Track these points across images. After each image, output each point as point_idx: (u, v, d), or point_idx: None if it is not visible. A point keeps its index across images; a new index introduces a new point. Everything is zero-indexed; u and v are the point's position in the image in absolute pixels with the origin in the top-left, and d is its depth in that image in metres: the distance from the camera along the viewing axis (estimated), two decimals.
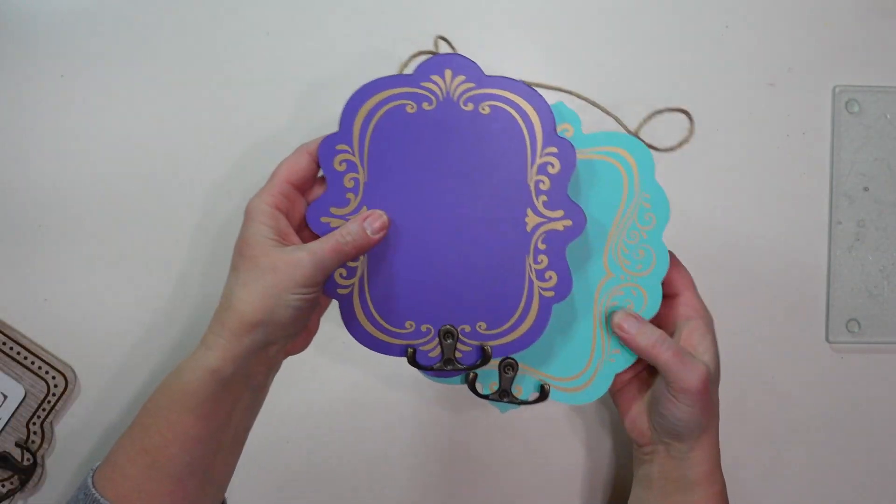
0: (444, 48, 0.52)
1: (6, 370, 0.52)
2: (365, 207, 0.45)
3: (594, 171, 0.49)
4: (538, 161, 0.46)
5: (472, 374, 0.49)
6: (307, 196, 0.46)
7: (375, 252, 0.45)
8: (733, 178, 0.56)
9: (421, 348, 0.48)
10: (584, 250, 0.49)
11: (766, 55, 0.56)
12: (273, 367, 0.46)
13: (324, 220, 0.45)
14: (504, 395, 0.49)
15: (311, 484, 0.56)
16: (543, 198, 0.46)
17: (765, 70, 0.56)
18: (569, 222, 0.46)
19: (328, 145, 0.45)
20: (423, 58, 0.46)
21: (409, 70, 0.47)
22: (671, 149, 0.51)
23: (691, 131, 0.52)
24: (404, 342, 0.47)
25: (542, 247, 0.46)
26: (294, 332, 0.44)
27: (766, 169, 0.56)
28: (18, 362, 0.52)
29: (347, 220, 0.45)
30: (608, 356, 0.49)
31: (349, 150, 0.45)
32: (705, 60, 0.55)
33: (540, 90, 0.47)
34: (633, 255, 0.49)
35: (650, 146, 0.51)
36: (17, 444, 0.52)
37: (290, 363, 0.55)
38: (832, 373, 0.57)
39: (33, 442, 0.52)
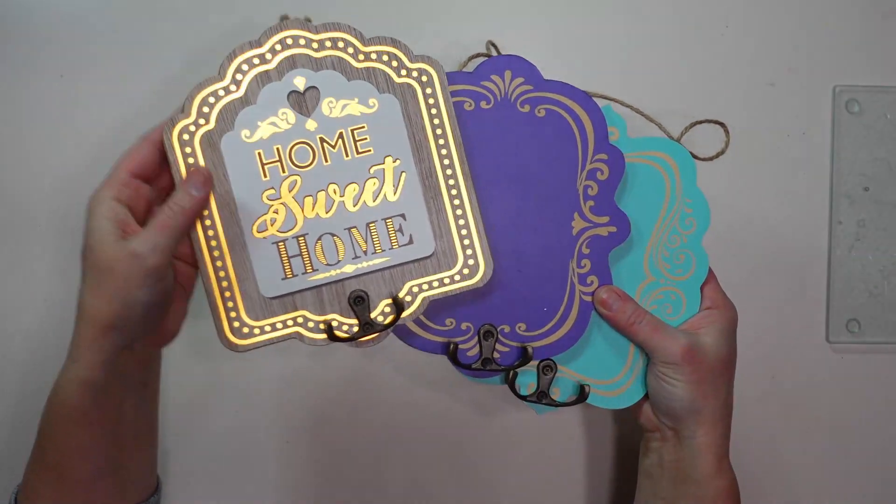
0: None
1: None
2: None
3: (638, 174, 0.49)
4: (588, 166, 0.47)
5: (511, 374, 0.49)
6: (155, 185, 0.43)
7: None
8: (733, 178, 0.56)
9: (460, 346, 0.48)
10: (626, 253, 0.49)
11: (766, 55, 0.56)
12: (148, 362, 0.44)
13: None
14: (542, 396, 0.49)
15: (311, 484, 0.56)
16: (591, 203, 0.47)
17: (765, 70, 0.56)
18: (613, 229, 0.47)
19: None
20: (479, 60, 0.46)
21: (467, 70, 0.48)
22: (710, 158, 0.52)
23: (727, 143, 0.53)
24: (444, 339, 0.47)
25: (585, 251, 0.47)
26: (153, 325, 0.42)
27: (767, 169, 0.56)
28: None
29: None
30: (646, 360, 0.49)
31: None
32: (705, 60, 0.55)
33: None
34: (673, 259, 0.49)
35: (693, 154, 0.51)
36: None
37: (292, 364, 0.55)
38: (832, 373, 0.57)
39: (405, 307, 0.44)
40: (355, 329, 0.44)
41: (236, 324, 0.43)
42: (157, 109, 0.53)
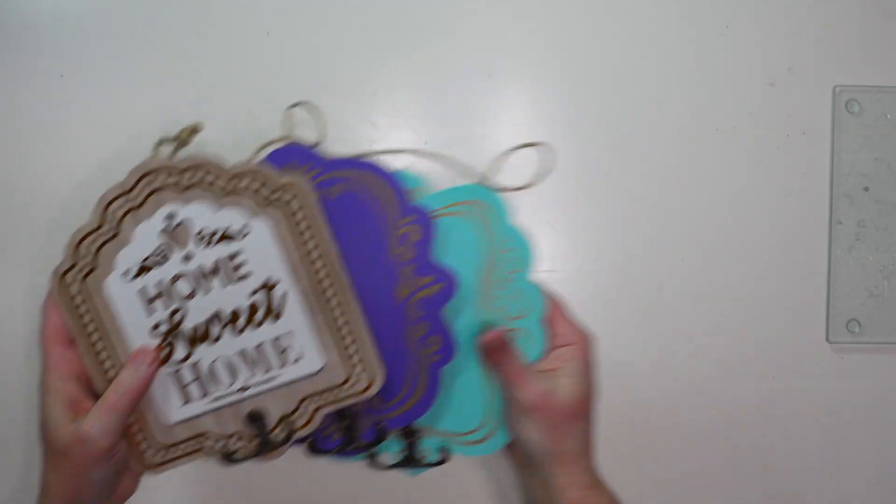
0: (301, 114, 0.52)
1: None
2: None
3: (446, 229, 0.48)
4: (397, 232, 0.46)
5: (370, 454, 0.49)
6: None
7: None
8: (733, 178, 0.56)
9: (322, 434, 0.48)
10: (461, 310, 0.49)
11: (766, 55, 0.56)
12: None
13: None
14: (410, 461, 0.49)
15: (309, 485, 0.56)
16: (411, 266, 0.46)
17: (765, 70, 0.56)
18: (441, 285, 0.46)
19: None
20: (270, 148, 0.47)
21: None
22: (522, 188, 0.51)
23: (543, 166, 0.52)
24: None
25: (419, 314, 0.47)
26: (109, 491, 0.45)
27: (766, 169, 0.56)
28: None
29: None
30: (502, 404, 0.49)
31: None
32: (705, 60, 0.55)
33: (394, 155, 0.47)
34: (508, 301, 0.49)
35: (502, 189, 0.50)
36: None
37: None
38: (832, 373, 0.57)
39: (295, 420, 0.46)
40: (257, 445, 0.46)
41: (148, 448, 0.46)
42: (157, 109, 0.53)
